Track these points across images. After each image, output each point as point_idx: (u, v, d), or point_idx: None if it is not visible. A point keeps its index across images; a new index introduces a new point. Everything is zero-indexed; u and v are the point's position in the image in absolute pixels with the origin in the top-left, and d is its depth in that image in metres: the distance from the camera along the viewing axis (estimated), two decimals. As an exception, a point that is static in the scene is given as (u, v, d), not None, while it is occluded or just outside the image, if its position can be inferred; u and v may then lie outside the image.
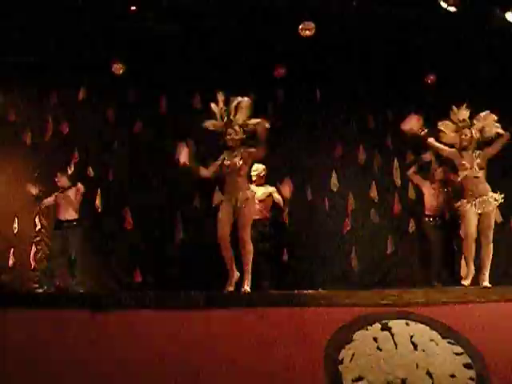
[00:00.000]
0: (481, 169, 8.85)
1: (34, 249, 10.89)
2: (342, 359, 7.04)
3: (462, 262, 10.64)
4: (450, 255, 10.03)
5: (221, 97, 8.47)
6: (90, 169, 11.16)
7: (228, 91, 11.04)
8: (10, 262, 10.72)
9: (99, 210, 10.98)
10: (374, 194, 11.37)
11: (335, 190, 11.44)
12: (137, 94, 11.33)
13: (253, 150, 8.30)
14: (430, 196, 10.03)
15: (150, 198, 11.04)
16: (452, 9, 9.90)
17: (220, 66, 11.10)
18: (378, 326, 7.26)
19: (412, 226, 11.21)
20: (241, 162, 8.26)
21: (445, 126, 9.11)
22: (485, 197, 8.76)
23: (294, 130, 11.45)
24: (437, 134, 9.14)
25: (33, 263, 10.83)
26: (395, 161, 11.48)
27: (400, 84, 11.39)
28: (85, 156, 11.22)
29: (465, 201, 8.85)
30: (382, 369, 6.99)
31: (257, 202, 8.85)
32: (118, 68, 10.98)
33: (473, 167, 8.81)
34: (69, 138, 11.24)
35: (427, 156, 10.07)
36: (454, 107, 9.07)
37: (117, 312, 7.45)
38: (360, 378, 6.94)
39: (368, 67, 11.25)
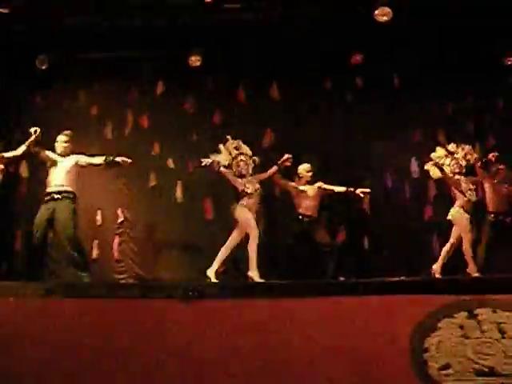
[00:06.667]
0: None
1: (117, 240, 11.09)
2: (428, 348, 6.99)
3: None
4: None
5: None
6: (171, 161, 11.28)
7: (306, 79, 11.18)
8: (94, 254, 10.92)
9: (180, 200, 11.14)
10: (454, 180, 11.18)
11: (415, 176, 11.31)
12: (214, 85, 11.40)
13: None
14: (492, 193, 9.97)
15: (230, 187, 11.09)
16: None
17: (297, 54, 11.09)
18: (463, 313, 7.17)
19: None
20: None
21: None
22: None
23: (372, 116, 11.36)
24: None
25: (116, 254, 11.03)
26: (476, 146, 11.27)
27: (480, 68, 11.16)
28: (165, 148, 11.35)
29: None
30: (469, 357, 6.91)
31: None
32: (195, 60, 11.03)
33: None
34: (149, 130, 11.39)
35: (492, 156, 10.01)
36: None
37: (202, 302, 7.53)
38: (446, 367, 6.89)
39: (446, 52, 11.07)
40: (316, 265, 9.74)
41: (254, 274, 9.14)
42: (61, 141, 9.22)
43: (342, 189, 9.94)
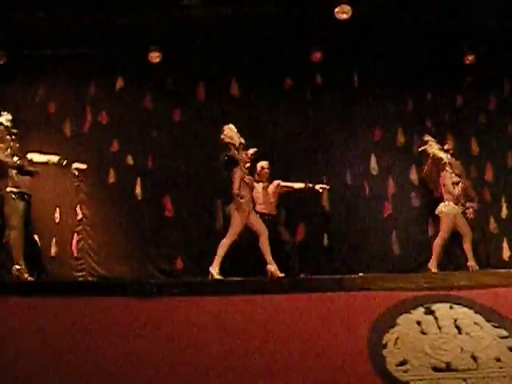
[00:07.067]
0: None
1: (75, 238, 11.00)
2: (386, 343, 7.04)
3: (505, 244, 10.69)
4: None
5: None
6: (130, 157, 11.20)
7: (265, 77, 11.19)
8: (53, 252, 10.81)
9: (139, 198, 11.08)
10: (413, 176, 11.28)
11: (375, 173, 11.36)
12: (174, 82, 11.35)
13: None
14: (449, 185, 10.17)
15: (189, 185, 11.09)
16: None
17: (257, 52, 11.11)
18: (421, 309, 7.25)
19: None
20: None
21: None
22: None
23: (331, 114, 11.41)
24: None
25: (75, 252, 10.95)
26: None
27: (439, 64, 11.26)
28: (124, 145, 11.27)
29: None
30: (426, 353, 6.98)
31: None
32: (155, 56, 10.98)
33: None
34: (107, 127, 11.30)
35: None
36: None
37: (159, 299, 7.51)
38: (404, 363, 6.94)
39: (406, 49, 11.16)
40: (276, 262, 9.73)
41: (214, 270, 9.13)
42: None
43: (301, 185, 9.97)
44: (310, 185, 9.99)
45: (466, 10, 10.45)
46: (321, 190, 10.09)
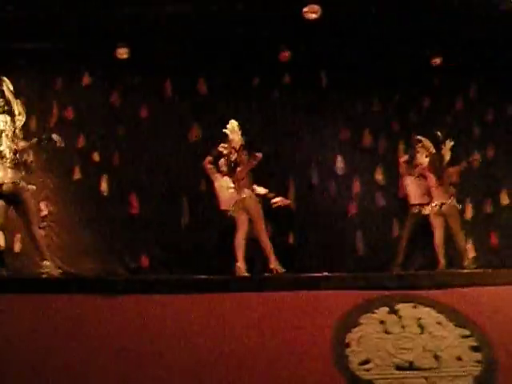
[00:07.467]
0: None
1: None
2: (349, 343, 7.05)
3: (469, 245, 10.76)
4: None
5: None
6: (96, 154, 11.14)
7: (233, 76, 11.19)
8: (17, 248, 10.71)
9: (105, 194, 11.02)
10: (379, 177, 11.35)
11: (341, 173, 11.41)
12: (141, 79, 11.30)
13: None
14: (414, 187, 10.52)
15: (156, 182, 11.06)
16: None
17: (225, 50, 11.08)
18: (385, 309, 7.28)
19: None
20: None
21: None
22: None
23: (298, 114, 11.43)
24: None
25: (40, 249, 10.85)
26: (400, 144, 11.45)
27: (406, 66, 11.34)
28: (90, 141, 11.20)
29: None
30: (389, 352, 7.01)
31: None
32: (122, 52, 10.92)
33: None
34: (74, 123, 11.22)
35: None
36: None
37: (127, 297, 7.47)
38: (367, 361, 6.96)
39: (374, 50, 11.20)
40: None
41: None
42: None
43: (262, 190, 9.90)
44: (272, 195, 9.96)
45: (433, 13, 10.49)
46: (282, 204, 10.05)
